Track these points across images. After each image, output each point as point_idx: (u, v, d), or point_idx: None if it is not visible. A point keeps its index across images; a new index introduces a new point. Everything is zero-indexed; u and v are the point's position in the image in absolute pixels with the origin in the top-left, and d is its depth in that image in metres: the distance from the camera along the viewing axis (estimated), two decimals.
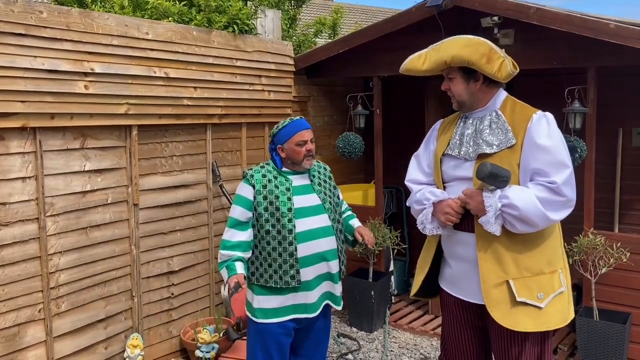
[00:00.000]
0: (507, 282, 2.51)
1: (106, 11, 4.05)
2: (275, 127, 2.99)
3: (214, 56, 4.32)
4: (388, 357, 4.42)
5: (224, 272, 2.83)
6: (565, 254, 2.72)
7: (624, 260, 3.79)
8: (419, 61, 2.66)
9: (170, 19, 4.16)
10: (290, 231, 2.83)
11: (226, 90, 4.45)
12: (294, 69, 5.08)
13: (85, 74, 3.48)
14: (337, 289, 3.02)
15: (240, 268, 2.80)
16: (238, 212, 2.88)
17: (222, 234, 2.97)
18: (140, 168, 3.95)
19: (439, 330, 4.81)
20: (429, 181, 2.81)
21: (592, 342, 3.86)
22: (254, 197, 2.87)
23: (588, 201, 3.98)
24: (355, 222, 3.21)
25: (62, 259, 3.50)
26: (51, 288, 3.45)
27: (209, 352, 4.00)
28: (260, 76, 4.75)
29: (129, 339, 3.90)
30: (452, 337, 2.84)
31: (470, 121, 2.65)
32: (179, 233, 4.26)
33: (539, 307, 2.50)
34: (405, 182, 2.90)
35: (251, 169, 2.99)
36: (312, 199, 2.94)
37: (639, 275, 3.90)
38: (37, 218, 3.36)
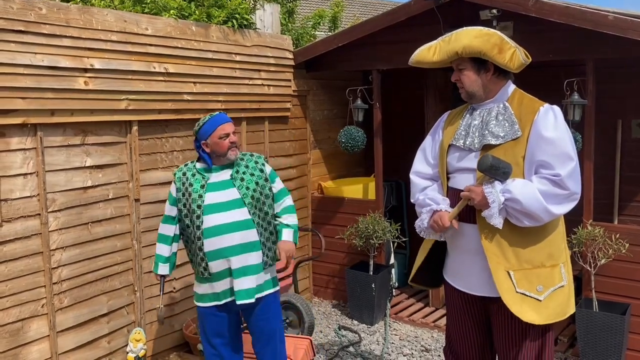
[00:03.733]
0: (508, 272, 2.54)
1: (106, 6, 4.05)
2: (197, 125, 3.11)
3: (214, 51, 4.32)
4: (389, 349, 4.45)
5: (153, 263, 3.22)
6: (568, 247, 2.74)
7: (623, 251, 3.81)
8: (429, 53, 2.67)
9: (170, 12, 4.15)
10: (198, 227, 3.01)
11: (226, 85, 4.46)
12: (294, 63, 5.08)
13: (85, 70, 3.49)
14: (249, 281, 3.02)
15: (162, 269, 3.17)
16: (167, 208, 3.20)
17: None
18: (141, 163, 3.96)
19: (439, 322, 4.85)
20: (434, 173, 2.83)
21: (592, 333, 3.88)
22: (176, 194, 3.13)
23: (587, 193, 4.00)
24: (285, 234, 3.19)
25: (64, 254, 3.52)
26: (54, 283, 3.47)
27: None
28: (259, 70, 4.75)
29: (131, 333, 3.92)
30: (456, 329, 2.86)
31: (478, 112, 2.66)
32: None
33: (538, 300, 2.52)
34: (410, 175, 2.91)
35: (178, 167, 3.17)
36: (231, 194, 3.05)
37: (638, 267, 3.91)
38: (39, 214, 3.37)
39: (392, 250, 5.33)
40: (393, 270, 5.29)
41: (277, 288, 3.23)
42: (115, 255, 3.83)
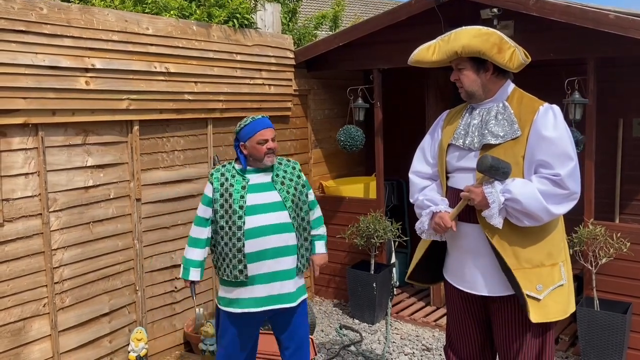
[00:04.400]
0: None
1: (106, 6, 4.06)
2: (238, 125, 3.07)
3: (214, 50, 4.32)
4: (390, 349, 4.45)
5: (181, 269, 3.14)
6: (567, 246, 2.74)
7: (624, 250, 3.81)
8: (428, 52, 2.67)
9: (171, 13, 4.16)
10: (239, 228, 2.93)
11: (227, 84, 4.46)
12: (294, 63, 5.08)
13: (86, 69, 3.49)
14: (290, 285, 3.02)
15: (193, 274, 3.09)
16: (201, 209, 3.08)
17: None
18: (142, 163, 3.96)
19: (440, 321, 4.85)
20: (433, 172, 2.83)
21: (593, 332, 3.88)
22: (212, 195, 3.03)
23: (588, 192, 4.00)
24: (319, 246, 3.24)
25: (65, 253, 3.53)
26: (55, 283, 3.47)
27: (213, 344, 4.03)
28: (260, 70, 4.75)
29: (133, 333, 3.94)
30: (456, 328, 2.86)
31: (477, 112, 2.66)
32: (182, 227, 4.28)
33: (538, 299, 2.52)
34: (409, 174, 2.91)
35: (215, 167, 3.07)
36: (272, 196, 3.01)
37: (639, 265, 3.91)
38: (41, 214, 3.38)
39: (393, 249, 5.33)
40: (394, 270, 5.29)
41: (306, 295, 3.17)
42: (116, 254, 3.84)
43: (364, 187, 5.56)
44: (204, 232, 3.05)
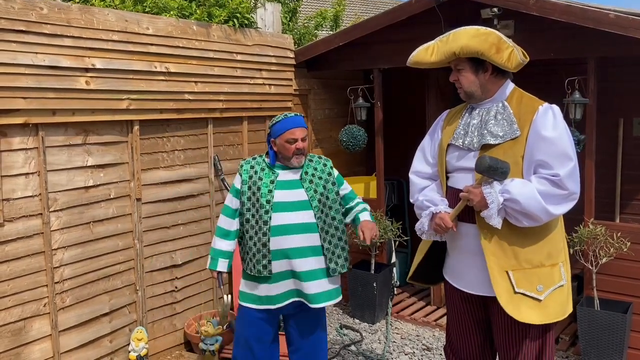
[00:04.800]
0: (507, 272, 2.53)
1: (106, 5, 4.06)
2: (272, 120, 3.05)
3: (215, 50, 4.32)
4: (390, 348, 4.45)
5: (208, 259, 3.10)
6: (567, 246, 2.74)
7: (625, 250, 3.80)
8: (426, 53, 2.67)
9: (171, 12, 4.16)
10: (265, 222, 2.92)
11: (227, 84, 4.46)
12: (295, 62, 5.08)
13: (86, 69, 3.49)
14: (313, 286, 2.97)
15: (221, 265, 3.05)
16: (229, 200, 3.07)
17: None
18: (142, 163, 3.96)
19: (441, 321, 4.84)
20: (433, 172, 2.83)
21: (593, 331, 3.88)
22: (241, 186, 3.02)
23: (589, 191, 3.99)
24: (363, 216, 3.16)
25: (66, 253, 3.53)
26: (56, 282, 3.48)
27: (213, 344, 4.03)
28: (260, 70, 4.75)
29: (133, 332, 3.94)
30: (456, 328, 2.86)
31: (477, 112, 2.65)
32: (182, 227, 4.28)
33: (539, 300, 2.52)
34: (409, 174, 2.91)
35: (245, 159, 3.06)
36: (299, 195, 2.98)
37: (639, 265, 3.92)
38: (41, 213, 3.38)
39: (393, 249, 5.33)
40: (394, 269, 5.29)
41: (340, 298, 3.10)
42: (116, 254, 3.84)
43: (364, 186, 5.56)
44: (233, 224, 3.03)
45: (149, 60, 3.85)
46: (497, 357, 2.83)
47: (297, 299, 2.99)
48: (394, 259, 5.35)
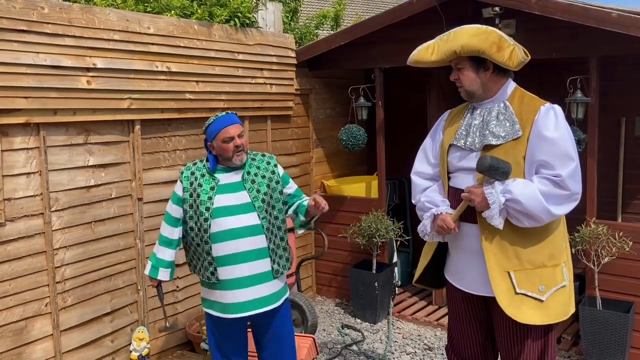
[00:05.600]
0: (508, 273, 2.53)
1: (107, 5, 4.06)
2: (205, 124, 2.95)
3: (216, 50, 4.32)
4: (392, 348, 4.45)
5: (148, 266, 3.02)
6: (569, 246, 2.73)
7: (627, 249, 3.80)
8: (427, 52, 2.65)
9: (172, 12, 4.16)
10: (205, 230, 2.84)
11: (228, 83, 4.46)
12: (296, 62, 5.08)
13: (88, 69, 3.49)
14: (265, 288, 2.92)
15: (163, 274, 2.99)
16: (170, 207, 2.99)
17: None
18: (144, 162, 3.96)
19: (442, 320, 4.84)
20: (435, 172, 2.82)
21: (596, 331, 3.87)
22: (182, 194, 2.94)
23: (591, 191, 3.99)
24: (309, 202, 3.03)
25: (67, 253, 3.53)
26: (57, 282, 3.47)
27: None
28: (262, 69, 4.75)
29: (135, 332, 3.93)
30: (458, 328, 2.86)
31: (478, 112, 2.64)
32: None
33: (541, 300, 2.51)
34: (411, 175, 2.90)
35: (185, 165, 2.99)
36: (241, 197, 2.89)
37: None
38: (42, 213, 3.38)
39: (395, 248, 5.33)
40: (396, 269, 5.29)
41: (287, 295, 3.07)
42: (118, 254, 3.84)
43: (365, 186, 5.56)
44: (175, 233, 2.95)
45: (150, 60, 3.85)
46: (499, 356, 2.82)
47: (252, 312, 2.89)
48: (395, 259, 5.35)
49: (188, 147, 4.30)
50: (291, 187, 3.10)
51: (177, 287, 4.28)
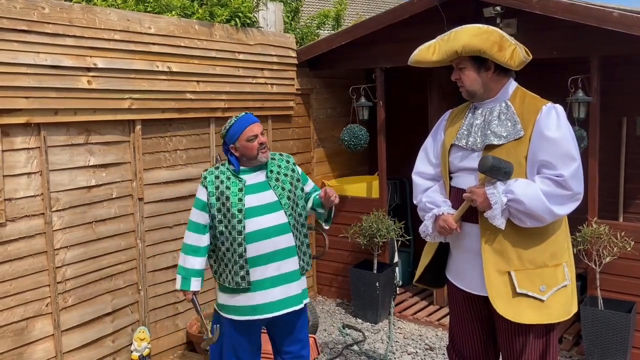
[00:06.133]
0: (509, 273, 2.52)
1: (108, 5, 4.05)
2: (223, 128, 2.95)
3: (217, 50, 4.32)
4: (393, 348, 4.44)
5: (178, 279, 2.93)
6: (571, 246, 2.72)
7: (628, 249, 3.79)
8: (428, 52, 2.64)
9: (173, 12, 4.16)
10: (239, 232, 2.83)
11: (229, 83, 4.46)
12: (297, 62, 5.07)
13: (88, 69, 3.49)
14: (295, 287, 2.94)
15: (195, 284, 2.91)
16: (195, 215, 2.94)
17: None
18: (144, 162, 3.96)
19: (443, 320, 4.83)
20: (436, 173, 2.81)
21: (597, 331, 3.86)
22: (207, 199, 2.90)
23: (592, 190, 3.98)
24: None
25: (68, 253, 3.53)
26: (58, 282, 3.47)
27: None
28: (262, 69, 4.74)
29: (135, 332, 3.93)
30: (459, 328, 2.85)
31: (480, 111, 2.63)
32: (184, 226, 4.21)
33: (541, 300, 2.51)
34: (412, 175, 2.89)
35: (206, 170, 3.00)
36: (268, 196, 2.90)
37: None
38: (43, 213, 3.38)
39: (396, 248, 5.32)
40: (397, 269, 5.28)
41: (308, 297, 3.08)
42: (119, 254, 3.84)
43: (366, 186, 5.55)
44: (203, 240, 2.91)
45: (151, 60, 3.85)
46: (500, 356, 2.82)
47: (282, 311, 2.90)
48: (396, 259, 5.35)
49: (189, 147, 4.29)
50: (309, 184, 3.15)
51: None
